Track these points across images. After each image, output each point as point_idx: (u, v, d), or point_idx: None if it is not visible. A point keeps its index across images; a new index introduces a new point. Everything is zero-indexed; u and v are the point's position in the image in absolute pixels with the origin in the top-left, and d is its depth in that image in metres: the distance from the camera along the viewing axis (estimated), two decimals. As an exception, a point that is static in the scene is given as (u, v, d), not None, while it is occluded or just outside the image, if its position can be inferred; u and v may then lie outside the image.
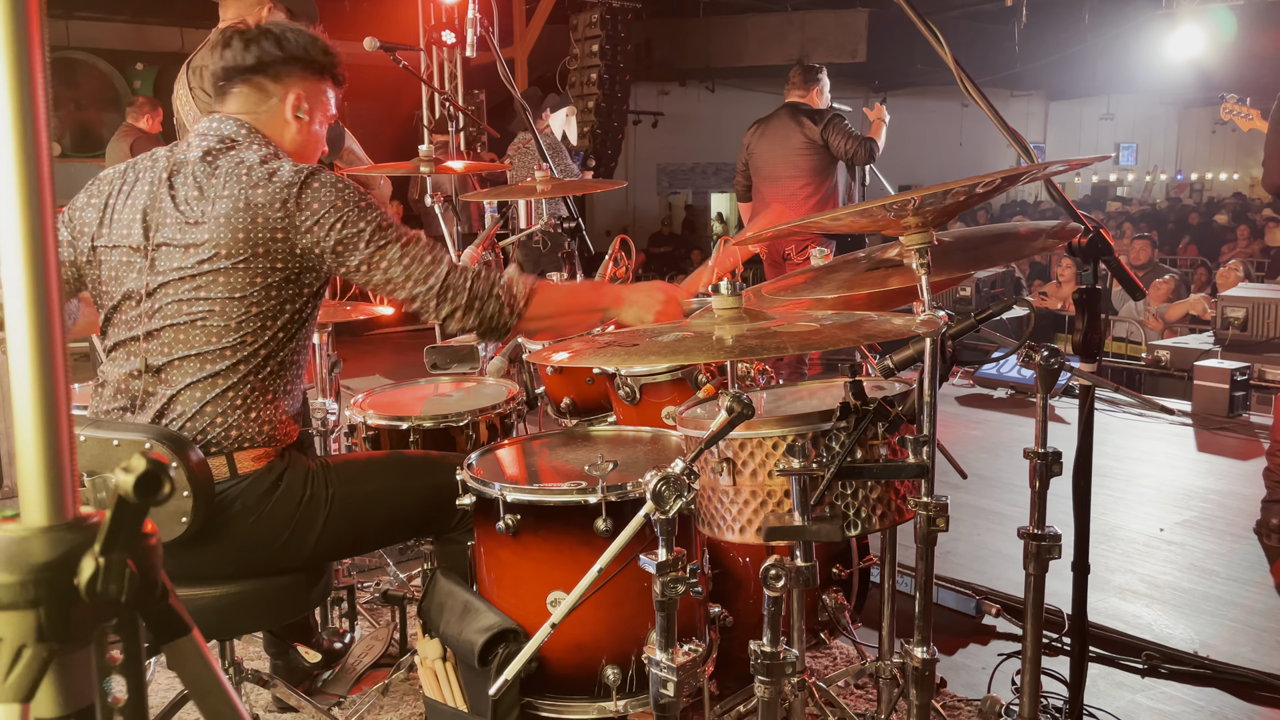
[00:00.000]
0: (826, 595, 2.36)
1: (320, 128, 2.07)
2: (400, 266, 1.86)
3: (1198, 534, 3.63)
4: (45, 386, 0.59)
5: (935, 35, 1.78)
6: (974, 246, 2.04)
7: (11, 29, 0.59)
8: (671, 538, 1.49)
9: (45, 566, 0.57)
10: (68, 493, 0.60)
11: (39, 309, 0.58)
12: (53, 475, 0.59)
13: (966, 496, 3.93)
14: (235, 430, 1.85)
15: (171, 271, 1.84)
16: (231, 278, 1.82)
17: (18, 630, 0.57)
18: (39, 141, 0.58)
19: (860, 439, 1.56)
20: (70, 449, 0.59)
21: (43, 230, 0.58)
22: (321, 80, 2.03)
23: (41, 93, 0.58)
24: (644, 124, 16.38)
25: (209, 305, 1.83)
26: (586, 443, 2.24)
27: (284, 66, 1.97)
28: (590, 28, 10.76)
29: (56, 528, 0.59)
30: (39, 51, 0.59)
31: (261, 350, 1.87)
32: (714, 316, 1.64)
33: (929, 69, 15.26)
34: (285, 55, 1.96)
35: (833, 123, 5.17)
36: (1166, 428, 5.22)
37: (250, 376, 1.87)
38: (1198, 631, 2.84)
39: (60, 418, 0.59)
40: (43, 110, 0.58)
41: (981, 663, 2.70)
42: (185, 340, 1.84)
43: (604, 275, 3.14)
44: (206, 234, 1.82)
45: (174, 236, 1.85)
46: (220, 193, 1.83)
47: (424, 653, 2.06)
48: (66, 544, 0.58)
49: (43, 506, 0.59)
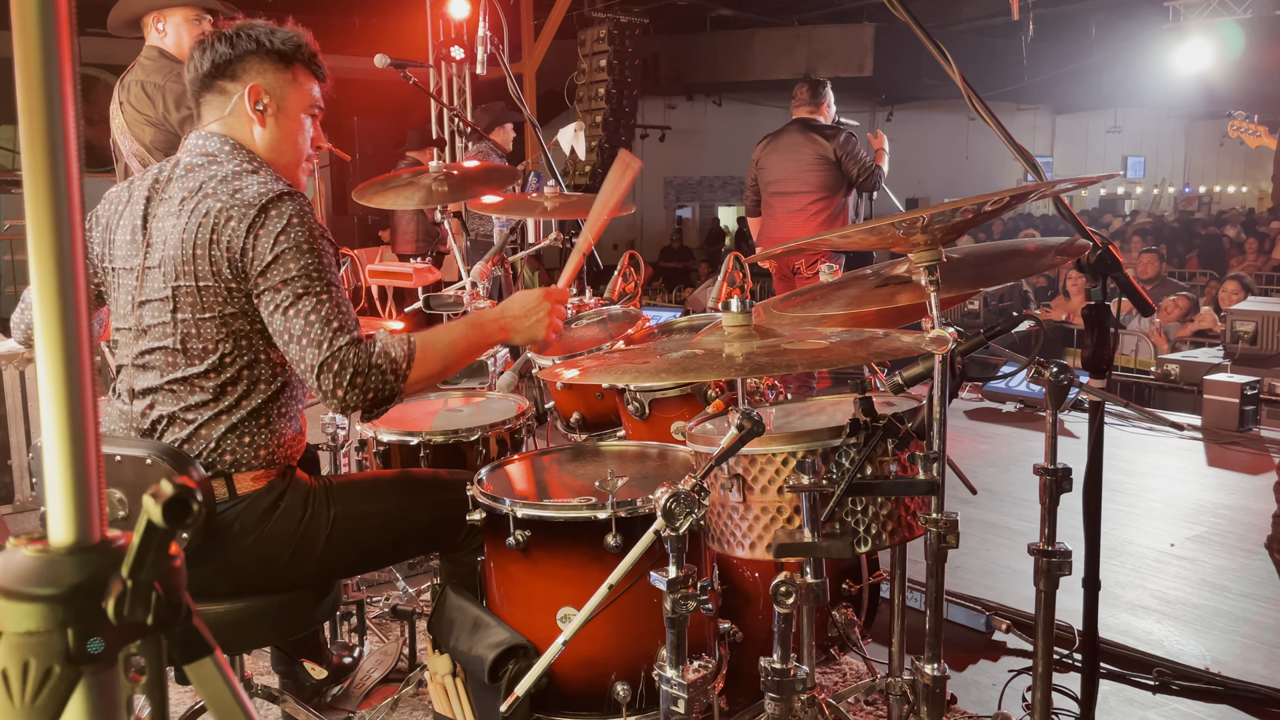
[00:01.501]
0: (836, 611, 2.36)
1: (299, 122, 1.97)
2: (302, 320, 1.73)
3: (1209, 549, 3.62)
4: (73, 409, 0.59)
5: (942, 51, 1.79)
6: (982, 263, 2.05)
7: (40, 49, 0.60)
8: (682, 554, 1.49)
9: (74, 588, 0.58)
10: (95, 515, 0.61)
11: (67, 330, 0.59)
12: (81, 498, 0.60)
13: (976, 511, 3.92)
14: (230, 455, 1.84)
15: (154, 292, 1.83)
16: (203, 298, 1.79)
17: (46, 651, 0.57)
18: (69, 161, 0.59)
19: (870, 455, 1.56)
20: (98, 471, 0.60)
21: (71, 250, 0.59)
22: (287, 69, 1.93)
23: (72, 112, 0.59)
24: (651, 138, 16.44)
25: (185, 326, 1.81)
26: (596, 458, 2.24)
27: (239, 63, 1.90)
28: (598, 43, 10.82)
29: (84, 550, 0.60)
30: (70, 69, 0.60)
31: (246, 372, 1.84)
32: (725, 333, 1.65)
33: (935, 83, 15.30)
34: (237, 51, 1.89)
35: (848, 143, 5.20)
36: (1176, 442, 5.20)
37: (242, 400, 1.84)
38: (1209, 648, 2.83)
39: (88, 440, 0.60)
40: (73, 130, 0.59)
41: (992, 679, 2.69)
42: (172, 363, 1.83)
43: (613, 290, 3.15)
44: (173, 251, 1.80)
45: (153, 256, 1.84)
46: (189, 210, 1.80)
47: (434, 668, 2.06)
48: (94, 566, 0.59)
49: (71, 528, 0.60)
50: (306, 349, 1.73)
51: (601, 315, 2.95)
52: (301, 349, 1.74)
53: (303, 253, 1.76)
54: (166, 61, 3.42)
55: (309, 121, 2.00)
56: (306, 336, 1.73)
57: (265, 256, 1.75)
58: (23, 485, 4.25)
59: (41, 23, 0.60)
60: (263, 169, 1.88)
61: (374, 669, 2.73)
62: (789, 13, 14.64)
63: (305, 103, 1.97)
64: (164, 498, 0.56)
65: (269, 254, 1.75)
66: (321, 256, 1.79)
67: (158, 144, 3.43)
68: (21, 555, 0.60)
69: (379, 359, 1.75)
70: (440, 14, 8.14)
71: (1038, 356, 1.83)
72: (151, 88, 3.39)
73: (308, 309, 1.74)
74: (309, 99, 1.98)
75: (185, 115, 3.35)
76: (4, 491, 4.20)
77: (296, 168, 2.01)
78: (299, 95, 1.96)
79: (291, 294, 1.74)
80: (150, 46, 3.47)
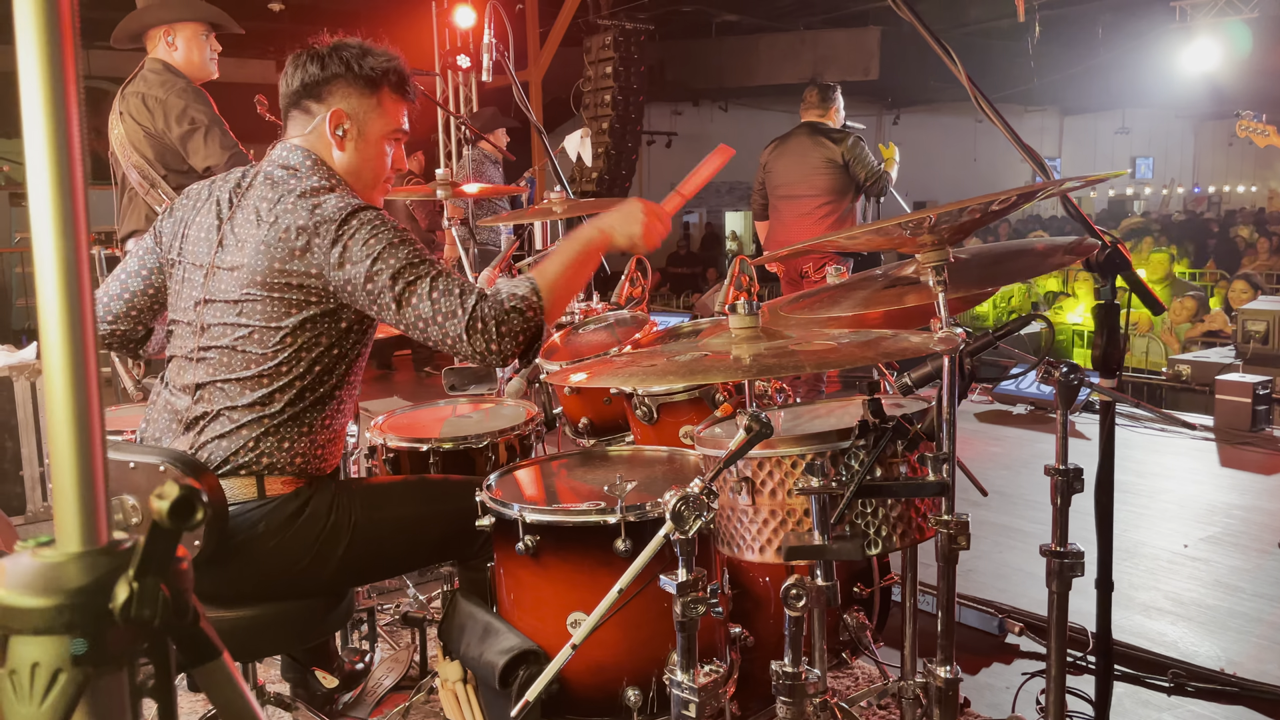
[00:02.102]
0: (847, 614, 2.35)
1: (379, 147, 1.99)
2: (429, 302, 1.79)
3: (1222, 550, 3.59)
4: (80, 415, 0.60)
5: (949, 53, 1.79)
6: (990, 263, 2.04)
7: (47, 61, 0.60)
8: (691, 558, 1.49)
9: (80, 591, 0.58)
10: (102, 518, 0.61)
11: (73, 338, 0.59)
12: (87, 501, 0.60)
13: (986, 514, 3.90)
14: (267, 458, 1.86)
15: (220, 293, 1.87)
16: (267, 306, 1.83)
17: (53, 655, 0.57)
18: (74, 174, 0.59)
19: (880, 457, 1.55)
20: (104, 476, 0.60)
21: (78, 260, 0.59)
22: (373, 94, 1.95)
23: (76, 126, 0.59)
24: (658, 144, 16.47)
25: (247, 331, 1.84)
26: (605, 463, 2.24)
27: (325, 85, 1.93)
28: (604, 50, 10.84)
29: (91, 553, 0.60)
30: (73, 83, 0.61)
31: (297, 382, 1.87)
32: (731, 336, 1.65)
33: (942, 85, 15.27)
34: (326, 73, 1.92)
35: (856, 146, 5.19)
36: (1188, 443, 5.17)
37: (287, 407, 1.87)
38: (1224, 649, 2.81)
39: (94, 445, 0.60)
40: (77, 143, 0.60)
41: (1005, 682, 2.67)
42: (226, 364, 1.86)
43: (620, 295, 3.15)
44: (246, 259, 1.84)
45: (225, 259, 1.88)
46: (267, 219, 1.84)
47: (445, 675, 2.06)
48: (101, 569, 0.59)
49: (77, 532, 0.61)
50: (446, 323, 1.78)
51: (609, 321, 2.95)
52: (441, 327, 1.78)
53: (396, 246, 1.80)
54: (170, 75, 3.43)
55: (391, 147, 2.02)
56: (440, 313, 1.78)
57: (364, 263, 1.78)
58: (35, 497, 4.27)
59: (46, 37, 0.60)
60: (340, 186, 1.91)
61: (385, 676, 2.73)
62: (794, 17, 14.65)
63: (388, 128, 1.99)
64: (170, 499, 0.56)
65: (367, 260, 1.78)
66: (414, 244, 1.83)
67: (158, 156, 3.44)
68: (29, 559, 0.60)
69: (511, 301, 1.80)
70: (446, 23, 8.18)
71: (1047, 356, 1.82)
72: (153, 101, 3.40)
73: (426, 290, 1.78)
74: (392, 124, 2.00)
75: (186, 130, 3.36)
76: (16, 503, 4.22)
77: (374, 190, 2.04)
78: (382, 120, 1.98)
79: (405, 284, 1.78)
80: (155, 59, 3.48)
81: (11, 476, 4.24)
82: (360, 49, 1.95)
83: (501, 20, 3.84)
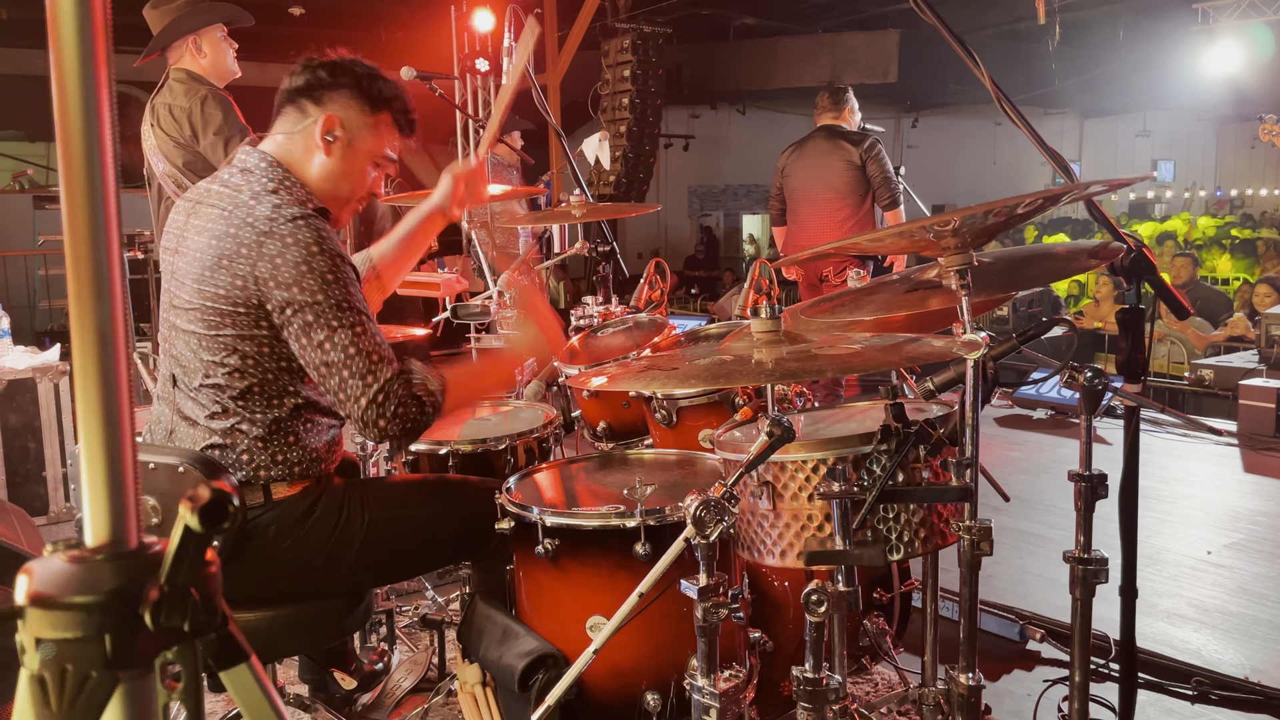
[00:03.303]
0: (868, 620, 2.33)
1: (364, 164, 1.95)
2: (342, 352, 1.73)
3: (1246, 557, 3.55)
4: (110, 417, 0.60)
5: (972, 56, 1.77)
6: (1012, 267, 2.03)
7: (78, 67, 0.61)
8: (713, 562, 1.48)
9: (111, 594, 0.58)
10: (132, 521, 0.61)
11: (103, 340, 0.59)
12: (117, 504, 0.60)
13: (1007, 519, 3.87)
14: (264, 471, 1.85)
15: (180, 300, 1.83)
16: (209, 315, 1.78)
17: (84, 658, 0.58)
18: (105, 176, 0.59)
19: (902, 461, 1.54)
20: (135, 478, 0.60)
21: (109, 260, 0.60)
22: (373, 114, 1.92)
23: (109, 129, 0.59)
24: (675, 147, 16.47)
25: (199, 340, 1.80)
26: (624, 466, 2.24)
27: (329, 90, 1.90)
28: (622, 53, 10.85)
29: (122, 556, 0.60)
30: (106, 88, 0.61)
31: (257, 389, 1.82)
32: (754, 339, 1.64)
33: (961, 88, 15.22)
34: (334, 81, 1.90)
35: (873, 150, 5.15)
36: (1211, 448, 5.12)
37: (257, 416, 1.83)
38: (1248, 657, 2.78)
39: (125, 447, 0.60)
40: (109, 146, 0.60)
41: (1027, 689, 2.65)
42: (193, 369, 1.83)
43: (639, 298, 3.15)
44: (192, 266, 1.80)
45: (179, 265, 1.85)
46: (209, 225, 1.80)
47: (463, 677, 2.06)
48: (131, 572, 0.59)
49: (108, 535, 0.61)
50: (350, 381, 1.73)
51: (628, 324, 2.95)
52: (343, 380, 1.73)
53: (325, 283, 1.73)
54: (194, 84, 3.47)
55: (374, 170, 1.98)
56: (349, 369, 1.73)
57: (287, 284, 1.73)
58: (57, 497, 4.31)
59: (79, 41, 0.61)
60: (283, 190, 1.84)
61: (404, 678, 2.73)
62: (812, 20, 14.62)
63: (378, 150, 1.96)
64: (201, 502, 0.56)
65: (291, 282, 1.72)
66: (348, 285, 1.77)
67: (189, 165, 3.49)
68: (58, 562, 0.60)
69: (420, 390, 1.77)
70: (465, 27, 8.21)
71: (1071, 361, 1.80)
72: (178, 111, 3.45)
73: (345, 341, 1.73)
74: (383, 146, 1.96)
75: (212, 139, 3.40)
76: (39, 503, 4.25)
77: (345, 205, 1.98)
78: (375, 140, 1.94)
79: (326, 326, 1.73)
80: (179, 69, 3.52)
81: (35, 477, 4.28)
82: (374, 72, 1.93)
83: (521, 23, 3.84)
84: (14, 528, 2.86)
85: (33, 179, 10.09)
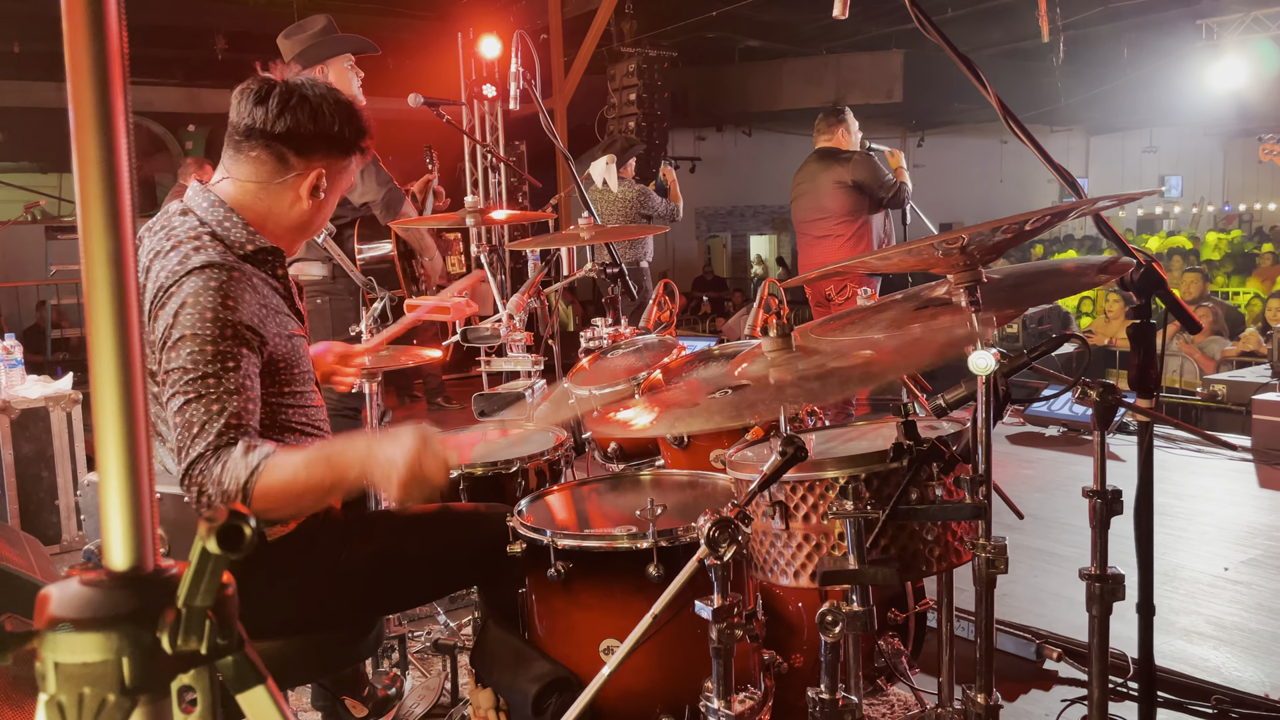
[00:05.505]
0: (883, 641, 2.32)
1: (334, 201, 1.94)
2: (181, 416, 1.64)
3: (1264, 573, 3.52)
4: (128, 441, 0.60)
5: (977, 74, 1.78)
6: (1021, 284, 2.02)
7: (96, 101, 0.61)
8: (726, 583, 1.48)
9: (129, 618, 0.59)
10: (149, 544, 0.61)
11: (123, 367, 0.60)
12: (135, 527, 0.61)
13: (1021, 537, 3.85)
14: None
15: None
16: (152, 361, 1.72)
17: (101, 682, 0.58)
18: (122, 207, 0.60)
19: (915, 480, 1.54)
20: (151, 501, 0.61)
21: (125, 287, 0.60)
22: (346, 158, 1.90)
23: (125, 159, 0.60)
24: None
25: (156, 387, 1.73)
26: (636, 487, 2.23)
27: (313, 143, 1.82)
28: (628, 77, 10.94)
29: (139, 579, 0.60)
30: (121, 116, 0.62)
31: None
32: (767, 359, 1.64)
33: (966, 107, 15.26)
34: (317, 131, 1.81)
35: (861, 164, 5.24)
36: (1226, 464, 5.08)
37: None
38: (1268, 674, 2.75)
39: (141, 471, 0.61)
40: (125, 176, 0.60)
41: (1044, 709, 2.62)
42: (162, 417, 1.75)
43: (649, 319, 3.15)
44: None
45: None
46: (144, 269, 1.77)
47: (476, 703, 2.05)
48: (149, 595, 0.60)
49: (125, 558, 0.61)
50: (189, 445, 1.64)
51: (637, 345, 2.95)
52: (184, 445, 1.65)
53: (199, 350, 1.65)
54: None
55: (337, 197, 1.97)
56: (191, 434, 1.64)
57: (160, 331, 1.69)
58: (69, 525, 4.32)
59: (95, 74, 0.61)
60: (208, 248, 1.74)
61: (416, 704, 2.72)
62: (817, 42, 14.71)
63: (346, 186, 1.98)
64: (219, 524, 0.56)
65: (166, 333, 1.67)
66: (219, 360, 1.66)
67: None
68: (76, 586, 0.61)
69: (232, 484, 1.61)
70: (471, 54, 8.29)
71: (1083, 377, 1.80)
72: None
73: (179, 404, 1.65)
74: (351, 180, 1.98)
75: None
76: (52, 531, 4.26)
77: (306, 236, 1.98)
78: (345, 180, 1.95)
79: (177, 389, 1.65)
80: None
81: (48, 506, 4.29)
82: (349, 110, 1.86)
83: (528, 49, 3.88)
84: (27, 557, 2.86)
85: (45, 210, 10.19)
